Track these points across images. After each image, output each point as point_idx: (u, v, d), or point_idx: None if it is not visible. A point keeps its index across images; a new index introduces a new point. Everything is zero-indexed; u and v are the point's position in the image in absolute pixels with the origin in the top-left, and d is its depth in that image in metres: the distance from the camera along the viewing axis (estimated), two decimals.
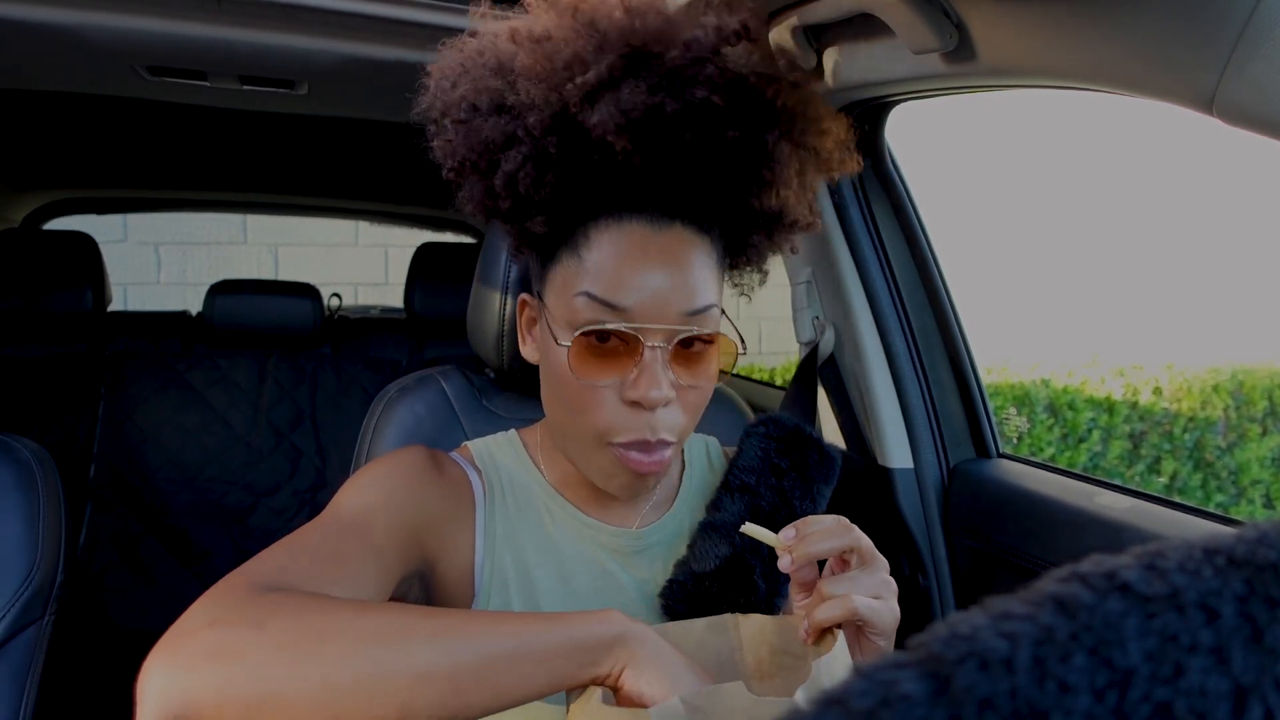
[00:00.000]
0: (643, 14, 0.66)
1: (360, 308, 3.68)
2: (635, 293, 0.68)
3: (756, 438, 0.90)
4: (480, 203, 0.75)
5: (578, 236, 0.71)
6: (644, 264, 0.69)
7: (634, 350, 0.69)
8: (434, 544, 0.75)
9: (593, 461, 0.74)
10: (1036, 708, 0.19)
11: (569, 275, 0.72)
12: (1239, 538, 0.23)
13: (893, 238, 1.28)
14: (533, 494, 0.83)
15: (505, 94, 0.69)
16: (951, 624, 0.21)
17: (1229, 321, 5.61)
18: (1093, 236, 5.77)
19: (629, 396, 0.70)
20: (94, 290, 2.12)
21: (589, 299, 0.69)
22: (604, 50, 0.65)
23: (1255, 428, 4.65)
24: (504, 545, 0.79)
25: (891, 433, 1.27)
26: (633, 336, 0.69)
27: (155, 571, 2.10)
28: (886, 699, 0.19)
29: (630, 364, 0.70)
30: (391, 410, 1.02)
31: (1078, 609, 0.20)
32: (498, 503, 0.81)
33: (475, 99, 0.70)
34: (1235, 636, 0.20)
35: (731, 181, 0.71)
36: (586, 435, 0.72)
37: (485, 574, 0.77)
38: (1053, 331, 5.02)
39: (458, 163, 0.73)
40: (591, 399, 0.71)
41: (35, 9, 1.05)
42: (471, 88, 0.70)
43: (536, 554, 0.80)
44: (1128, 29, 0.66)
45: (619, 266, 0.69)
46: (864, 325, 1.27)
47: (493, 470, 0.83)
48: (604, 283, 0.69)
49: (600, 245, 0.70)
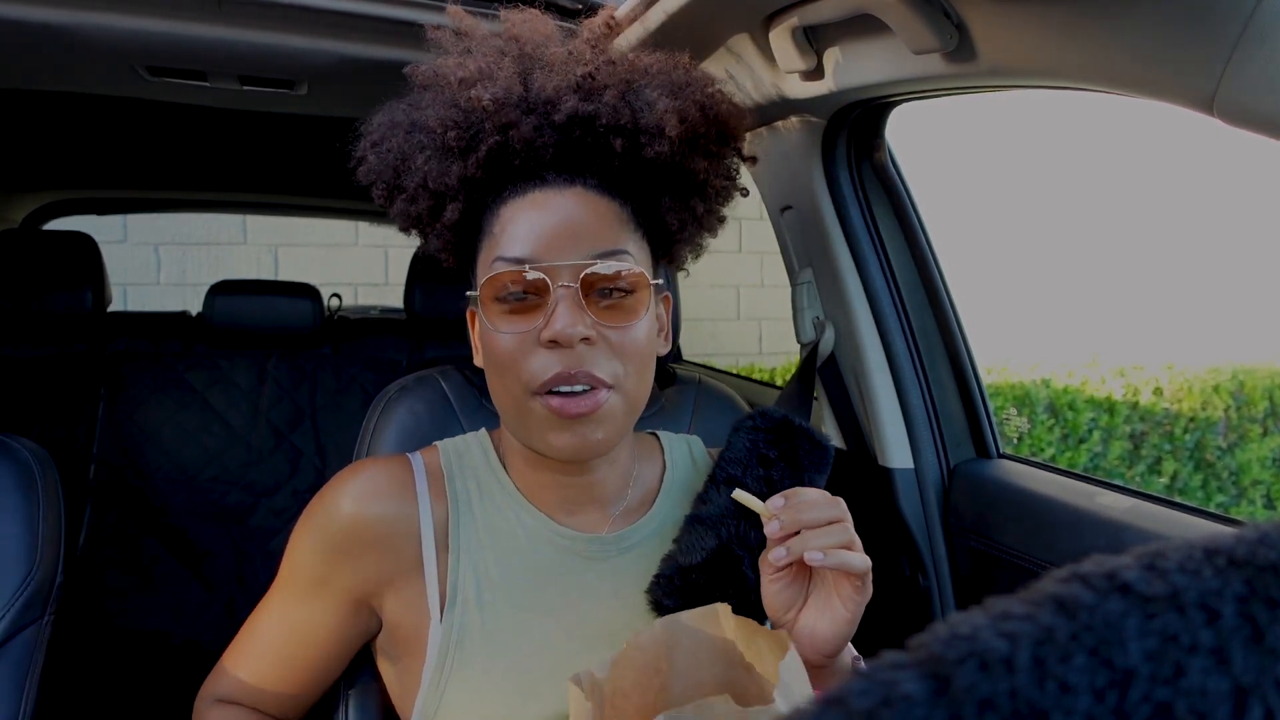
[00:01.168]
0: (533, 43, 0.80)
1: (360, 308, 3.68)
2: (536, 242, 0.74)
3: (744, 431, 0.89)
4: (405, 213, 0.83)
5: (488, 219, 0.78)
6: (543, 217, 0.75)
7: (546, 295, 0.73)
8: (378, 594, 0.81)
9: (530, 423, 0.75)
10: (1036, 708, 0.19)
11: (486, 255, 0.78)
12: (1239, 538, 0.23)
13: (893, 238, 1.28)
14: (500, 501, 0.83)
15: (413, 118, 0.80)
16: (951, 624, 0.21)
17: (1229, 321, 5.61)
18: (1093, 236, 5.77)
19: (545, 337, 0.72)
20: (94, 290, 2.12)
21: (502, 262, 0.75)
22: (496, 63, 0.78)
23: (1256, 428, 4.65)
24: (467, 564, 0.79)
25: (892, 433, 1.27)
26: (541, 281, 0.73)
27: (155, 571, 2.10)
28: (886, 699, 0.19)
29: (543, 309, 0.73)
30: (391, 410, 1.03)
31: (1078, 609, 0.20)
32: (463, 517, 0.81)
33: (384, 132, 0.82)
34: (1235, 637, 0.20)
35: (617, 139, 0.76)
36: (517, 392, 0.74)
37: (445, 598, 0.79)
38: (1053, 331, 5.02)
39: (383, 184, 0.83)
40: (514, 351, 0.74)
41: (35, 9, 1.05)
42: (382, 124, 0.83)
43: (500, 566, 0.80)
44: (1128, 29, 0.66)
45: (523, 226, 0.75)
46: (864, 325, 1.27)
47: (459, 477, 0.84)
48: (511, 244, 0.75)
49: (508, 217, 0.76)
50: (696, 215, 0.84)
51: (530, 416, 0.74)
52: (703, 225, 0.86)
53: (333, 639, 0.82)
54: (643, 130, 0.76)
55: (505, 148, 0.76)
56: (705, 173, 0.81)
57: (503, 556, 0.80)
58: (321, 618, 0.81)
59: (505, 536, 0.81)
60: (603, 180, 0.78)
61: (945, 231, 1.41)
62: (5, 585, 0.94)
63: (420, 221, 0.83)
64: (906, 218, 1.27)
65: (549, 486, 0.83)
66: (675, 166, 0.79)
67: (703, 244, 0.89)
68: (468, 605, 0.78)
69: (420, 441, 1.01)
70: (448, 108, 0.77)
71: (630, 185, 0.79)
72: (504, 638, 0.77)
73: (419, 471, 0.83)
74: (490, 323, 0.76)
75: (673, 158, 0.78)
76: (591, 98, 0.76)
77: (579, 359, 0.72)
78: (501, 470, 0.85)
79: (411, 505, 0.81)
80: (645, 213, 0.81)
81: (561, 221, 0.75)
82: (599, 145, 0.77)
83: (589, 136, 0.76)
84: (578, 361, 0.72)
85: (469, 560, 0.79)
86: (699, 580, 0.79)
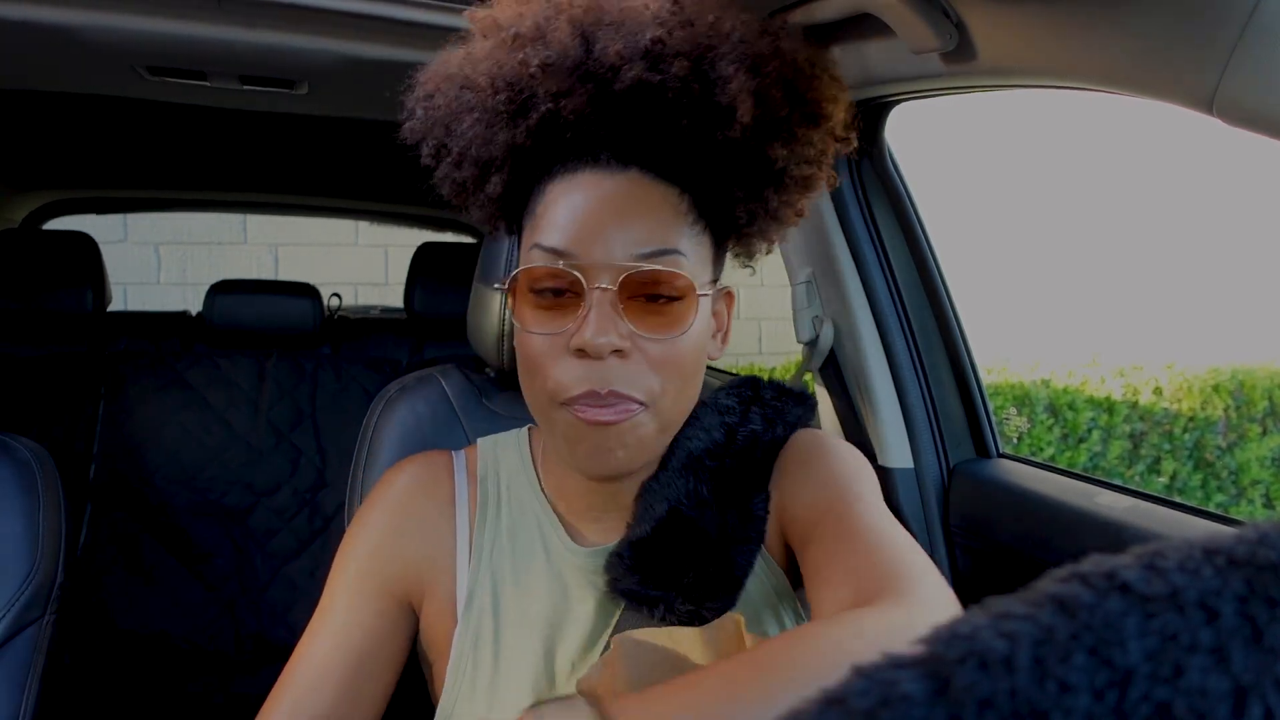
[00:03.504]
0: None
1: (360, 308, 3.68)
2: (578, 235, 0.66)
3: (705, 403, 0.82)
4: (449, 179, 0.75)
5: (534, 196, 0.71)
6: (588, 207, 0.67)
7: (581, 296, 0.66)
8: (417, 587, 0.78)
9: (557, 431, 0.69)
10: (1036, 708, 0.19)
11: (527, 237, 0.71)
12: (1239, 538, 0.23)
13: (893, 237, 1.28)
14: (526, 504, 0.80)
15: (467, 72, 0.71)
16: (951, 624, 0.21)
17: (1229, 321, 5.61)
18: (1092, 236, 5.77)
19: (573, 345, 0.65)
20: (94, 290, 2.12)
21: (539, 251, 0.68)
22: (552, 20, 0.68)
23: (1255, 428, 4.65)
24: (486, 568, 0.77)
25: (891, 433, 1.27)
26: (576, 279, 0.65)
27: (155, 571, 2.10)
28: (886, 699, 0.19)
29: (578, 312, 0.66)
30: (392, 409, 1.03)
31: (1078, 609, 0.20)
32: (489, 519, 0.79)
33: (438, 84, 0.73)
34: (1235, 636, 0.20)
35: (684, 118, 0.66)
36: (543, 399, 0.69)
37: (465, 600, 0.76)
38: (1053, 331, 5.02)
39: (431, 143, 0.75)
40: (543, 355, 0.67)
41: (35, 9, 1.04)
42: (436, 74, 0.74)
43: (516, 574, 0.77)
44: (1128, 29, 0.66)
45: (565, 212, 0.67)
46: (864, 325, 1.27)
47: (493, 478, 0.81)
48: (550, 231, 0.67)
49: (552, 198, 0.69)
50: (770, 208, 0.73)
51: (555, 425, 0.69)
52: (776, 217, 0.75)
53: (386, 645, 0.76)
54: (713, 110, 0.66)
55: (557, 118, 0.67)
56: (784, 160, 0.70)
57: (520, 564, 0.77)
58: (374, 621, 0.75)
59: (525, 544, 0.78)
60: (664, 163, 0.68)
61: (945, 231, 1.41)
62: (6, 585, 0.94)
63: (464, 190, 0.75)
64: (906, 217, 1.27)
65: (578, 492, 0.78)
66: (748, 152, 0.68)
67: (777, 238, 0.79)
68: (483, 612, 0.76)
69: (420, 441, 1.01)
70: (501, 66, 0.68)
71: (695, 170, 0.69)
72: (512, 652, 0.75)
73: (460, 470, 0.82)
74: (521, 317, 0.69)
75: (745, 143, 0.68)
76: (659, 66, 0.65)
77: (609, 375, 0.65)
78: (533, 471, 0.81)
79: (450, 505, 0.80)
80: (710, 202, 0.71)
81: (608, 211, 0.67)
82: (662, 123, 0.67)
83: (652, 112, 0.66)
84: (607, 380, 0.65)
85: (488, 565, 0.77)
86: (654, 550, 0.72)
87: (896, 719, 0.18)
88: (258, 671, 2.11)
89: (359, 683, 0.73)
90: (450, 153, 0.73)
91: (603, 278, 0.65)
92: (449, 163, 0.74)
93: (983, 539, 1.18)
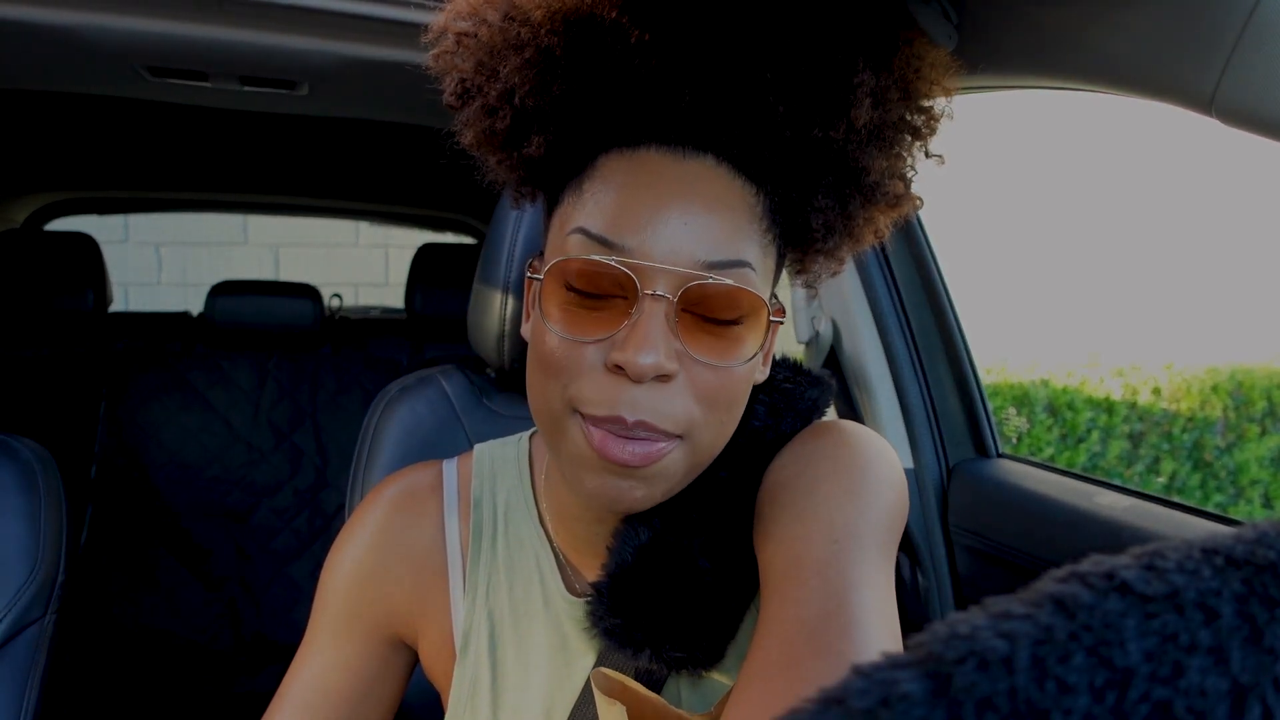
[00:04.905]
0: None
1: (360, 308, 3.68)
2: (634, 221, 0.54)
3: None
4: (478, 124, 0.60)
5: (584, 169, 0.58)
6: (653, 196, 0.55)
7: (629, 301, 0.54)
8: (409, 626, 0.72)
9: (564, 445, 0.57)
10: (1036, 707, 0.19)
11: (566, 215, 0.58)
12: (1238, 538, 0.23)
13: (892, 237, 1.28)
14: (526, 541, 0.71)
15: None
16: (951, 624, 0.21)
17: (1228, 321, 5.61)
18: (1092, 236, 5.77)
19: (612, 359, 0.53)
20: (95, 291, 2.12)
21: (582, 236, 0.55)
22: None
23: (1254, 428, 4.65)
24: (482, 606, 0.70)
25: (891, 432, 1.27)
26: (628, 279, 0.53)
27: (156, 571, 2.10)
28: (886, 699, 0.19)
29: (623, 319, 0.54)
30: (392, 409, 1.03)
31: (1077, 609, 0.20)
32: (484, 550, 0.70)
33: (482, 5, 0.59)
34: (1234, 636, 0.20)
35: (783, 106, 0.55)
36: (556, 402, 0.56)
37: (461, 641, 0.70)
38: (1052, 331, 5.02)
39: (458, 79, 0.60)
40: (570, 360, 0.55)
41: (35, 9, 1.05)
42: None
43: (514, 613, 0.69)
44: (1127, 29, 0.66)
45: (623, 197, 0.55)
46: (864, 325, 1.27)
47: (489, 501, 0.72)
48: (602, 217, 0.55)
49: (606, 176, 0.57)
50: (851, 223, 0.62)
51: (565, 438, 0.57)
52: (854, 235, 0.64)
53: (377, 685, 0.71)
54: (823, 102, 0.55)
55: (626, 77, 0.55)
56: (880, 173, 0.60)
57: (518, 605, 0.69)
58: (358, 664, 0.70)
59: (522, 581, 0.69)
60: (745, 155, 0.57)
61: (945, 231, 1.41)
62: (7, 585, 0.94)
63: (493, 140, 0.61)
64: (906, 217, 1.27)
65: (580, 520, 0.67)
66: (845, 157, 0.58)
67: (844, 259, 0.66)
68: (480, 655, 0.69)
69: (421, 440, 1.01)
70: None
71: (779, 168, 0.58)
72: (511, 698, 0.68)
73: (450, 492, 0.73)
74: (547, 312, 0.56)
75: (845, 146, 0.57)
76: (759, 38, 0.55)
77: (641, 402, 0.53)
78: (531, 495, 0.72)
79: (439, 533, 0.71)
80: (787, 208, 0.60)
81: (676, 203, 0.54)
82: (757, 107, 0.55)
83: (748, 92, 0.55)
84: (638, 408, 0.53)
85: (485, 603, 0.70)
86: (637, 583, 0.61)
87: (896, 719, 0.18)
88: (259, 671, 2.11)
89: None
90: (484, 95, 0.59)
91: (660, 283, 0.54)
92: (478, 107, 0.59)
93: (982, 539, 1.18)
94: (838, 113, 0.56)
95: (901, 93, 0.59)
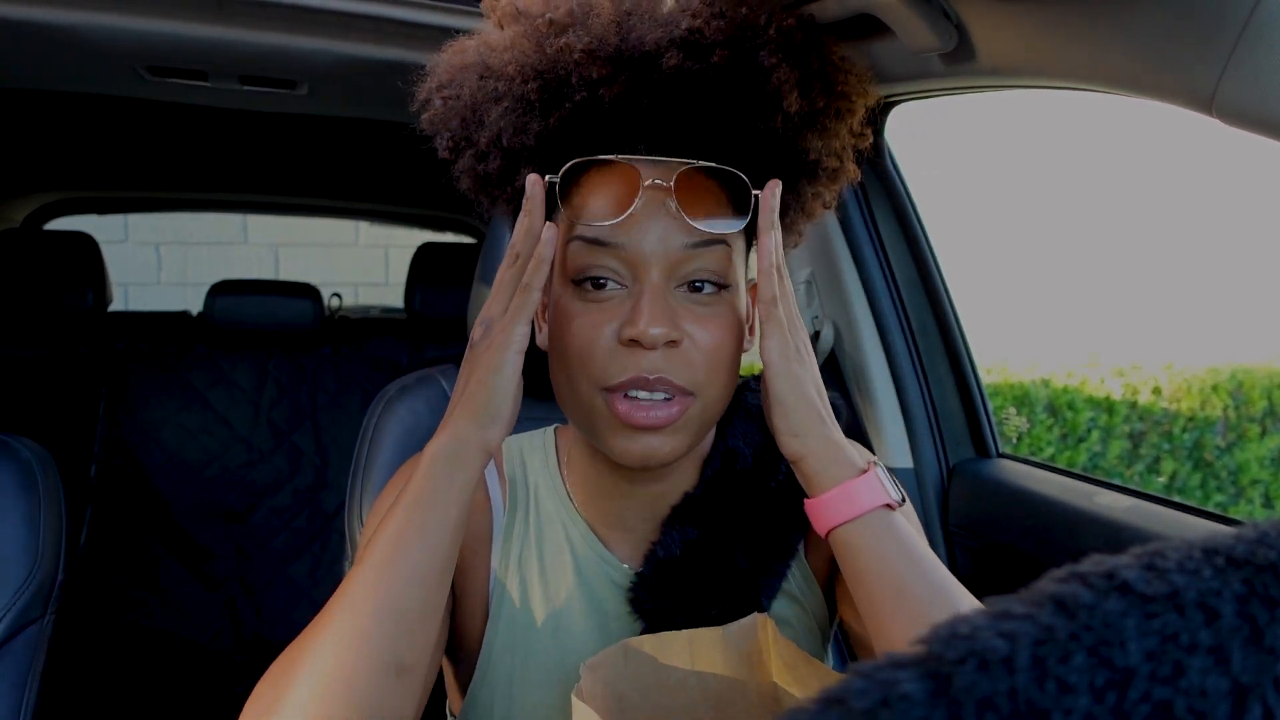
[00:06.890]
0: None
1: (360, 308, 3.68)
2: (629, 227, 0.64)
3: None
4: (472, 171, 0.73)
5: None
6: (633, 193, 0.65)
7: (632, 289, 0.65)
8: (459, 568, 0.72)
9: (596, 421, 0.67)
10: (1036, 707, 0.19)
11: (563, 229, 0.68)
12: (1238, 538, 0.23)
13: (893, 237, 1.28)
14: (553, 512, 0.77)
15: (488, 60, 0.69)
16: (951, 624, 0.21)
17: (1229, 321, 5.61)
18: (1092, 236, 5.77)
19: (625, 335, 0.64)
20: (95, 290, 2.12)
21: (581, 244, 0.66)
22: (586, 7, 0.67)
23: (1254, 428, 4.65)
24: (514, 571, 0.75)
25: (891, 432, 1.27)
26: (628, 273, 0.65)
27: (156, 571, 2.10)
28: (886, 699, 0.19)
29: (628, 304, 0.65)
30: (392, 409, 1.03)
31: (1077, 609, 0.20)
32: (518, 521, 0.77)
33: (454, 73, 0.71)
34: (1235, 636, 0.20)
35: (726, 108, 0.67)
36: (583, 386, 0.66)
37: (497, 598, 0.74)
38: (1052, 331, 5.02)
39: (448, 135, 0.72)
40: (588, 346, 0.65)
41: (35, 9, 1.05)
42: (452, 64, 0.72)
43: (541, 585, 0.75)
44: (1127, 29, 0.66)
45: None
46: (864, 325, 1.27)
47: (520, 478, 0.79)
48: (592, 220, 0.65)
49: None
50: (802, 200, 0.75)
51: (596, 415, 0.66)
52: (806, 210, 0.77)
53: None
54: (757, 99, 0.67)
55: (594, 106, 0.66)
56: (818, 152, 0.72)
57: (547, 573, 0.75)
58: None
59: (552, 553, 0.76)
60: (702, 154, 0.67)
61: (945, 231, 1.42)
62: (7, 585, 0.94)
63: (489, 183, 0.73)
64: (906, 217, 1.27)
65: (609, 495, 0.75)
66: (785, 143, 0.70)
67: (802, 232, 0.80)
68: (513, 621, 0.74)
69: (420, 441, 1.01)
70: (530, 54, 0.67)
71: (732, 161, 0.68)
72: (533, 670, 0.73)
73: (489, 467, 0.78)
74: (561, 308, 0.67)
75: (783, 134, 0.69)
76: (698, 56, 0.66)
77: (658, 363, 0.64)
78: (558, 476, 0.79)
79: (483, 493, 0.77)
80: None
81: (654, 200, 0.65)
82: (702, 112, 0.67)
83: (692, 101, 0.67)
84: (656, 366, 0.63)
85: (518, 570, 0.75)
86: (680, 576, 0.71)
87: (896, 719, 0.18)
88: (259, 671, 2.11)
89: None
90: (474, 145, 0.71)
91: (654, 266, 0.64)
92: (471, 155, 0.72)
93: (982, 539, 1.18)
94: (770, 107, 0.68)
95: (821, 81, 0.71)
